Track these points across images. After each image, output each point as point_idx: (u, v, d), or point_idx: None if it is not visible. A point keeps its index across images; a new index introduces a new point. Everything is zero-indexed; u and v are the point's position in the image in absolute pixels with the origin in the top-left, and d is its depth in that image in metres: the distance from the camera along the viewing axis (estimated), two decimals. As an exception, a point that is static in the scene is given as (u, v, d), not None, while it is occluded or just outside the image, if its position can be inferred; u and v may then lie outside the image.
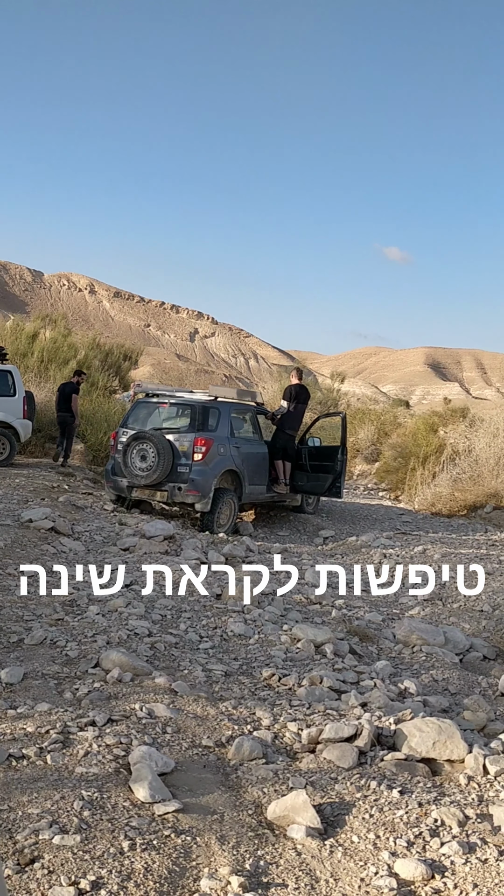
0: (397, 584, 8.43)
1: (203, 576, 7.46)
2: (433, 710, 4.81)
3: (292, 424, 12.32)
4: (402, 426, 22.66)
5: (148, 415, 11.39)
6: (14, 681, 4.65)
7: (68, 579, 6.95)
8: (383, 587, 8.28)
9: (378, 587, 8.25)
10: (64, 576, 7.03)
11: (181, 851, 3.05)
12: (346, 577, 8.50)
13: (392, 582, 8.54)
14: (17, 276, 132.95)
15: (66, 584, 6.79)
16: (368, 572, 8.79)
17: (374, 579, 8.51)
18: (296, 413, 12.34)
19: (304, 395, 12.60)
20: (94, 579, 6.97)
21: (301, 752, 4.06)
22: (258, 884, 2.91)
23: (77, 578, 7.04)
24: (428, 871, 2.99)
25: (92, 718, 4.11)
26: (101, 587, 6.68)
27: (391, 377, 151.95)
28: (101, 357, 23.14)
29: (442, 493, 14.55)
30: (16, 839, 3.00)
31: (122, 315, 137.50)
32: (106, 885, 2.79)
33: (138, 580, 7.10)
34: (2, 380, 13.77)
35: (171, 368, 52.98)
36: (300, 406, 12.42)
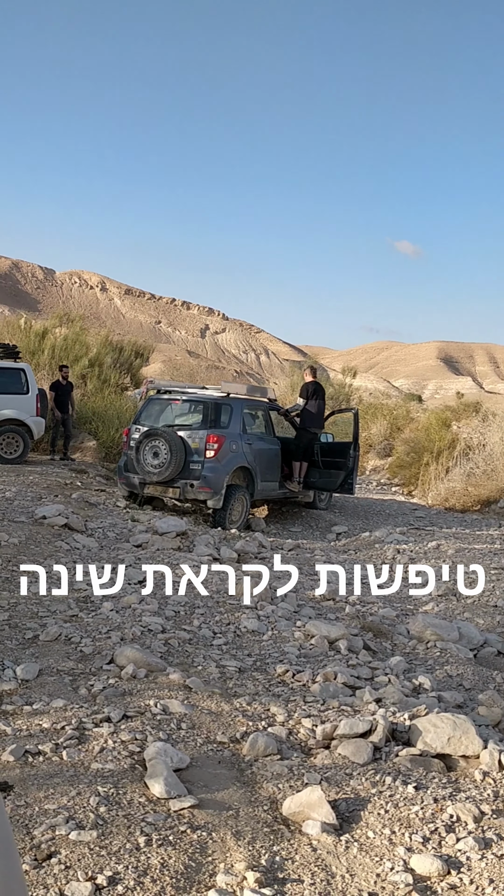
0: (411, 580, 8.41)
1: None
2: (448, 705, 4.80)
3: (315, 422, 12.28)
4: (415, 421, 22.58)
5: (160, 411, 11.41)
6: (29, 677, 4.67)
7: (82, 576, 6.98)
8: (395, 584, 8.26)
9: (390, 583, 8.23)
10: (78, 573, 7.06)
11: (197, 847, 3.06)
12: (361, 573, 8.49)
13: (406, 578, 8.52)
14: (29, 274, 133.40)
15: (81, 580, 6.82)
16: (382, 569, 8.77)
17: (387, 575, 8.50)
18: (317, 411, 12.31)
19: (321, 392, 12.58)
20: (99, 580, 6.99)
21: (316, 748, 4.06)
22: (274, 879, 2.92)
23: (91, 575, 7.07)
24: (444, 866, 2.99)
25: (107, 714, 4.12)
26: (100, 587, 6.68)
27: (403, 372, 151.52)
28: (113, 355, 23.16)
29: (455, 488, 14.51)
30: (33, 834, 3.02)
31: (133, 312, 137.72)
32: (122, 880, 2.80)
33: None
34: (15, 378, 13.82)
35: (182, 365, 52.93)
36: (320, 403, 12.37)
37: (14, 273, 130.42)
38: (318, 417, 12.33)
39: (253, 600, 6.68)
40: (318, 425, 12.36)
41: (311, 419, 12.23)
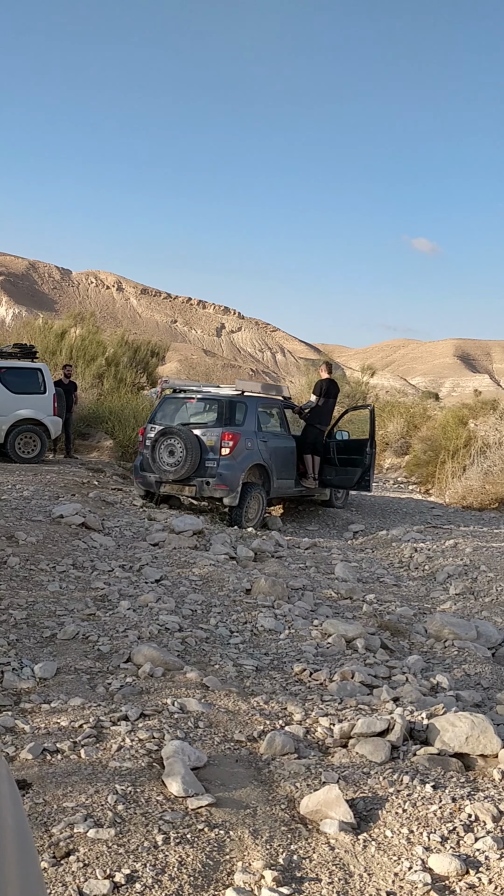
0: (428, 578, 8.38)
1: (232, 571, 7.47)
2: (466, 704, 4.78)
3: (322, 419, 12.29)
4: (432, 419, 22.48)
5: (175, 410, 11.43)
6: (47, 675, 4.70)
7: (99, 574, 7.01)
8: (414, 581, 8.24)
9: (408, 581, 8.21)
10: (95, 571, 7.09)
11: (215, 845, 3.06)
12: (377, 571, 8.47)
13: (423, 576, 8.49)
14: (46, 275, 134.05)
15: (98, 579, 6.85)
16: (399, 566, 8.74)
17: (404, 573, 8.47)
18: (325, 408, 12.31)
19: (334, 390, 12.58)
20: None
21: (333, 747, 4.05)
22: (292, 878, 2.91)
23: (108, 573, 7.10)
24: (462, 866, 2.97)
25: (125, 713, 4.14)
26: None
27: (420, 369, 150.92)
28: (129, 354, 23.24)
29: (473, 486, 14.43)
30: (51, 832, 3.03)
31: (149, 311, 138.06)
32: (141, 878, 2.81)
33: (167, 575, 7.14)
34: (32, 377, 13.90)
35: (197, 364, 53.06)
36: (330, 401, 12.38)
37: (31, 273, 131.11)
38: (325, 414, 12.33)
39: (269, 599, 6.68)
40: (325, 422, 12.35)
41: (318, 415, 12.23)
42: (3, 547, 7.38)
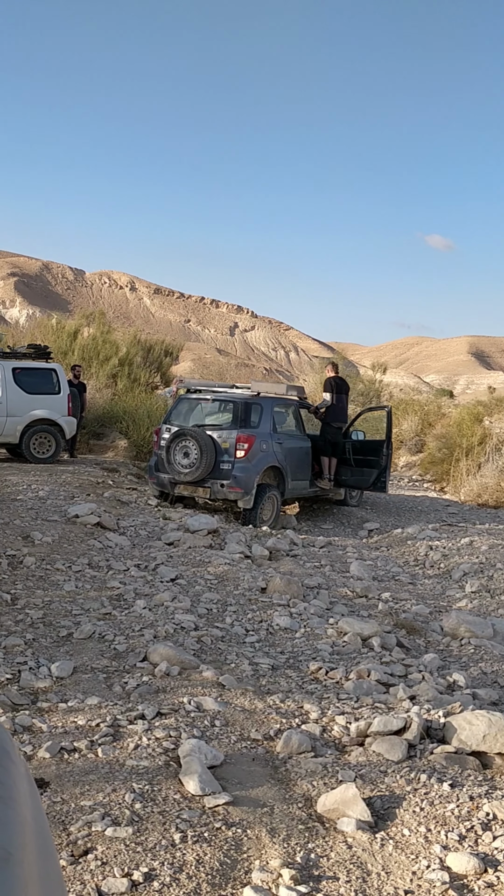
0: (444, 576, 8.35)
1: (248, 570, 7.48)
2: (483, 702, 4.76)
3: (338, 417, 12.28)
4: (447, 417, 22.39)
5: (190, 410, 11.44)
6: (64, 674, 4.72)
7: (115, 573, 7.03)
8: (429, 579, 8.21)
9: (424, 579, 8.19)
10: (111, 570, 7.11)
11: (232, 844, 3.07)
12: (392, 569, 8.45)
13: (438, 574, 8.46)
14: (60, 275, 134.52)
15: (113, 578, 6.87)
16: (414, 565, 8.72)
17: (419, 572, 8.45)
18: (340, 405, 12.31)
19: (345, 387, 12.59)
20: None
21: (350, 746, 4.05)
22: (309, 877, 2.91)
23: (123, 573, 7.12)
24: (481, 864, 2.96)
25: (141, 712, 4.15)
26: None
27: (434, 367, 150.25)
28: (142, 353, 23.28)
29: (488, 483, 14.36)
30: (69, 831, 3.05)
31: (162, 311, 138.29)
32: (158, 876, 2.82)
33: (183, 574, 7.15)
34: (46, 378, 13.95)
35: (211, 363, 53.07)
36: (342, 398, 12.38)
37: (45, 274, 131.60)
38: (341, 412, 12.33)
39: (285, 598, 6.67)
40: (342, 419, 12.34)
41: (333, 413, 12.24)
42: (20, 547, 7.42)
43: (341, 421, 12.34)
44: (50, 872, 0.64)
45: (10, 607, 5.94)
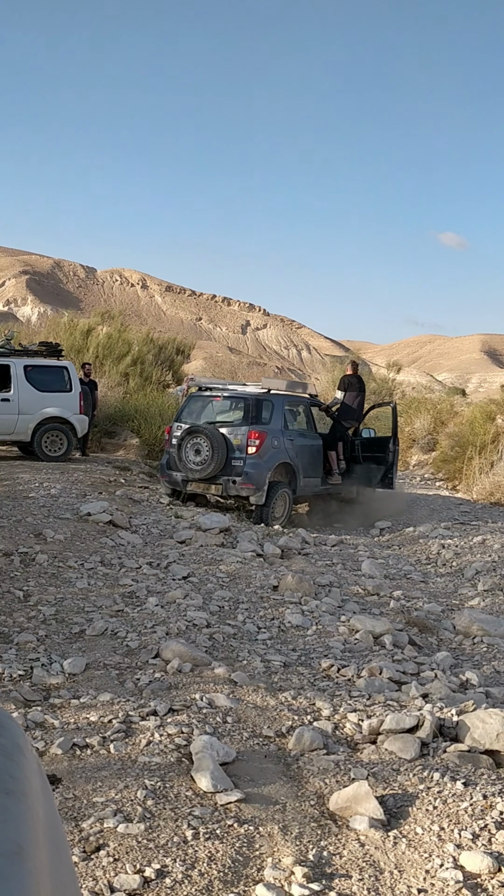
0: (456, 575, 8.32)
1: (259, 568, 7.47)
2: (496, 701, 4.74)
3: (349, 416, 12.24)
4: (459, 415, 22.30)
5: (202, 408, 11.44)
6: (77, 671, 4.73)
7: (127, 571, 7.04)
8: (441, 577, 8.18)
9: (436, 578, 8.16)
10: (123, 568, 7.12)
11: (244, 841, 3.06)
12: (404, 567, 8.42)
13: (450, 572, 8.43)
14: (71, 273, 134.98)
15: (126, 576, 6.88)
16: (426, 563, 8.69)
17: (431, 570, 8.42)
18: (354, 404, 12.25)
19: (361, 386, 12.50)
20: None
21: (362, 743, 4.04)
22: (322, 874, 2.90)
23: (135, 570, 7.13)
24: (494, 863, 2.94)
25: (153, 708, 4.15)
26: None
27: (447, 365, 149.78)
28: (154, 352, 23.30)
29: (501, 482, 14.29)
30: (81, 827, 3.05)
31: (174, 309, 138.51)
32: (170, 873, 2.81)
33: (195, 572, 7.15)
34: (58, 376, 13.98)
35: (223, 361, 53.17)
36: (358, 397, 12.31)
37: (56, 272, 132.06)
38: (353, 411, 12.27)
39: (296, 595, 6.67)
40: (353, 418, 12.29)
41: (344, 412, 12.20)
42: (32, 544, 7.44)
43: (352, 420, 12.29)
44: (62, 868, 0.64)
45: (22, 604, 5.96)
